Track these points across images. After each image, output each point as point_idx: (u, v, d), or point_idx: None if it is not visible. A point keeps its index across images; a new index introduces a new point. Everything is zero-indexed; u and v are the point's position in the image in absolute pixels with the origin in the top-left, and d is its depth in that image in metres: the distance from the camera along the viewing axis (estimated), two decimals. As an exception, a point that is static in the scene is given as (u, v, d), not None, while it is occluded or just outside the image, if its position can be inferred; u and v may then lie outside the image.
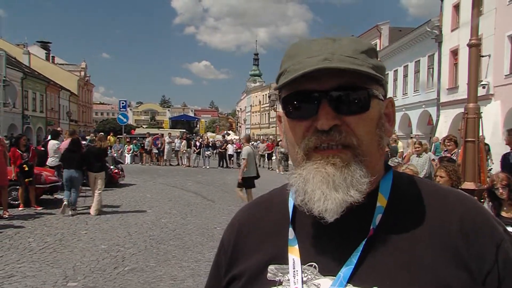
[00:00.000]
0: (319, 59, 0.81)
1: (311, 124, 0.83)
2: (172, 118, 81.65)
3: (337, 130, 0.81)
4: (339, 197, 0.80)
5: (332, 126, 0.81)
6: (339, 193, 0.80)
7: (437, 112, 22.77)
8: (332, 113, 0.81)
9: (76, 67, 60.98)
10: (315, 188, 0.81)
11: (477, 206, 0.88)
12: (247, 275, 0.89)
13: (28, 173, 10.18)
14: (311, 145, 0.83)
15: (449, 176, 4.58)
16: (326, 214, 0.81)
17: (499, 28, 17.26)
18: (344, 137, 0.81)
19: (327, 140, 0.81)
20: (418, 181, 0.94)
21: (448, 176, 4.56)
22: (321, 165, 0.82)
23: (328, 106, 0.81)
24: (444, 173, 4.57)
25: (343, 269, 0.80)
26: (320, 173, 0.81)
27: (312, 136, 0.82)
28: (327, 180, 0.80)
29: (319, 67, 0.78)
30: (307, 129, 0.83)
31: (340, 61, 0.80)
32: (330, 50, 0.82)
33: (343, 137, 0.81)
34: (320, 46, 0.83)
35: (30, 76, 39.06)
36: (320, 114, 0.81)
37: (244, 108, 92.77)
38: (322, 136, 0.81)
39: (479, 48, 6.29)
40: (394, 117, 0.93)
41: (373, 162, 0.85)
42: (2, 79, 13.54)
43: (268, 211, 0.98)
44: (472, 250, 0.80)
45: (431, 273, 0.78)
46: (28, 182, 10.19)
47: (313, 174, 0.82)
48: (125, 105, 25.86)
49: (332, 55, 0.81)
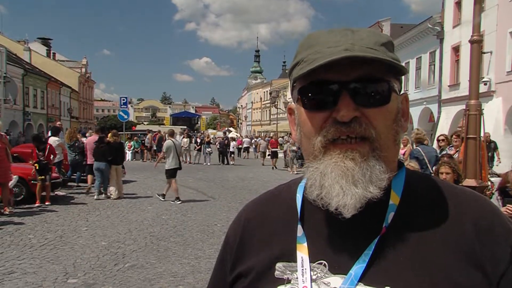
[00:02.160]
0: (340, 49, 0.78)
1: (330, 115, 0.80)
2: (173, 115, 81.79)
3: (357, 122, 0.79)
4: (359, 192, 0.78)
5: (352, 118, 0.79)
6: (358, 188, 0.78)
7: (439, 109, 22.75)
8: (352, 104, 0.78)
9: (77, 63, 60.99)
10: (333, 183, 0.79)
11: (492, 206, 0.87)
12: (254, 272, 0.87)
13: (42, 170, 10.43)
14: (329, 136, 0.80)
15: (453, 171, 4.63)
16: (344, 209, 0.79)
17: (501, 25, 17.20)
18: (364, 129, 0.79)
19: (347, 132, 0.79)
20: (432, 179, 0.91)
21: (453, 172, 4.60)
22: (340, 159, 0.79)
23: (349, 97, 0.78)
24: (449, 169, 4.59)
25: (354, 267, 0.78)
26: (339, 167, 0.79)
27: (331, 128, 0.80)
28: (346, 174, 0.78)
29: (345, 56, 0.76)
30: (325, 120, 0.81)
31: (362, 51, 0.78)
32: (350, 41, 0.80)
33: (363, 129, 0.79)
34: (339, 36, 0.81)
35: (31, 72, 39.06)
36: (340, 105, 0.78)
37: (245, 105, 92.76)
38: (342, 127, 0.79)
39: (481, 45, 6.26)
40: (408, 112, 0.91)
41: (390, 157, 0.83)
42: (2, 76, 13.55)
43: (276, 207, 0.95)
44: (487, 251, 0.78)
45: (444, 273, 0.76)
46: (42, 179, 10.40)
47: (331, 168, 0.80)
48: (126, 102, 25.81)
49: (353, 46, 0.79)
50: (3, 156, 9.08)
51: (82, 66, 60.37)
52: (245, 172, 21.08)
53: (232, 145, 27.42)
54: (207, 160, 25.38)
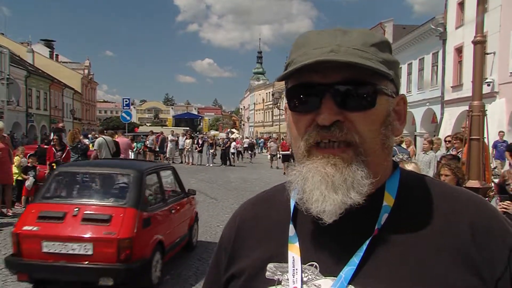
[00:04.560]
0: (325, 51, 0.77)
1: (313, 118, 0.79)
2: (175, 116, 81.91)
3: (338, 126, 0.77)
4: (338, 198, 0.77)
5: (333, 121, 0.77)
6: (338, 195, 0.77)
7: (441, 110, 22.67)
8: (334, 108, 0.77)
9: (80, 65, 61.16)
10: (313, 188, 0.78)
11: (490, 208, 0.85)
12: (246, 273, 0.87)
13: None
14: (311, 140, 0.79)
15: (454, 173, 4.50)
16: (324, 216, 0.78)
17: (505, 25, 17.15)
18: (345, 134, 0.77)
19: (328, 136, 0.78)
20: (428, 180, 0.89)
21: (453, 174, 4.48)
22: (321, 165, 0.78)
23: (331, 101, 0.77)
24: (449, 171, 4.49)
25: (344, 269, 0.77)
26: (319, 173, 0.78)
27: (313, 131, 0.79)
28: (326, 180, 0.77)
29: (320, 59, 0.75)
30: (309, 123, 0.80)
31: (347, 53, 0.76)
32: (338, 42, 0.78)
33: (344, 134, 0.77)
34: (328, 37, 0.80)
35: (34, 74, 39.19)
36: (322, 108, 0.77)
37: (248, 106, 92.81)
38: (323, 132, 0.78)
39: (484, 46, 6.24)
40: (405, 115, 0.88)
41: (377, 162, 0.81)
42: (6, 77, 13.59)
43: (270, 208, 0.95)
44: (484, 253, 0.76)
45: (437, 276, 0.74)
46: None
47: (313, 173, 0.79)
48: (128, 103, 25.85)
49: (339, 47, 0.77)
50: (5, 157, 9.09)
51: (84, 67, 60.52)
52: (248, 173, 21.08)
53: (233, 145, 27.38)
54: (210, 161, 25.37)
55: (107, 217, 4.77)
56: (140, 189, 5.18)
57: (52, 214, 4.89)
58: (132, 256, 4.64)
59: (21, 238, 4.76)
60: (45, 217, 4.88)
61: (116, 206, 4.99)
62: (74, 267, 4.62)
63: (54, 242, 4.65)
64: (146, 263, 4.89)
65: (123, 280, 4.66)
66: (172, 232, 5.85)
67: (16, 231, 4.82)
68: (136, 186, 5.17)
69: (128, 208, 4.92)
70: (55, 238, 4.67)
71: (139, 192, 5.15)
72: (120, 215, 4.81)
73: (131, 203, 4.97)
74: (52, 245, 4.65)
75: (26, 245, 4.75)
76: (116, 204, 5.06)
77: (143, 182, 5.29)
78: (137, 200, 5.05)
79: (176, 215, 6.12)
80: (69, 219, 4.79)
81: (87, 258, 4.59)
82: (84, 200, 5.21)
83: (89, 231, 4.70)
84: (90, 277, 4.67)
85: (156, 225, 5.32)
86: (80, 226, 4.74)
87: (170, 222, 5.85)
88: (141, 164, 6.58)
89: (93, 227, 4.73)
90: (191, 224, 6.81)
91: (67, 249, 4.63)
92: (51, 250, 4.65)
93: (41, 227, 4.78)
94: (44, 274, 4.82)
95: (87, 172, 5.88)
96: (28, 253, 4.73)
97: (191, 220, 6.85)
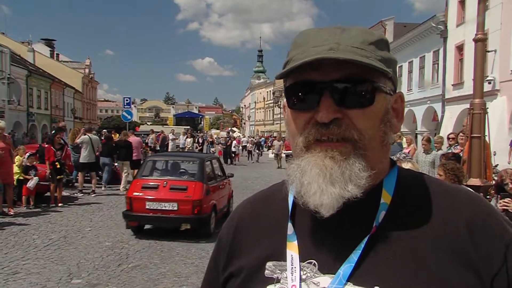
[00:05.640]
0: (324, 49, 0.78)
1: (312, 115, 0.80)
2: (176, 115, 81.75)
3: (337, 124, 0.78)
4: (335, 191, 0.77)
5: (332, 119, 0.78)
6: (335, 188, 0.77)
7: (442, 108, 22.64)
8: (333, 105, 0.78)
9: (81, 64, 61.13)
10: (311, 181, 0.78)
11: (487, 205, 0.85)
12: (245, 272, 0.87)
13: (60, 170, 10.55)
14: (310, 138, 0.80)
15: (446, 174, 4.27)
16: (321, 209, 0.78)
17: (506, 23, 17.10)
18: (344, 130, 0.78)
19: (327, 133, 0.79)
20: (426, 178, 0.90)
21: (446, 175, 4.25)
22: (319, 157, 0.79)
23: (329, 98, 0.77)
24: (442, 172, 4.34)
25: (343, 266, 0.77)
26: (317, 166, 0.78)
27: (312, 129, 0.80)
28: (324, 173, 0.78)
29: (319, 57, 0.75)
30: (308, 120, 0.81)
31: (346, 51, 0.77)
32: (336, 40, 0.79)
33: (342, 130, 0.78)
34: (327, 35, 0.80)
35: (35, 73, 39.16)
36: (321, 106, 0.78)
37: (248, 105, 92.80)
38: (322, 129, 0.78)
39: (485, 43, 6.23)
40: (402, 112, 0.89)
41: (375, 157, 0.82)
42: (6, 77, 13.59)
43: (268, 207, 0.95)
44: (480, 250, 0.77)
45: (435, 273, 0.75)
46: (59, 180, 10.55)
47: (311, 166, 0.79)
48: (129, 102, 25.82)
49: (338, 45, 0.78)
50: (6, 157, 9.11)
51: (85, 66, 60.48)
52: (249, 172, 21.07)
53: (233, 144, 27.37)
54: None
55: (185, 187, 7.65)
56: (203, 170, 8.01)
57: (150, 185, 7.72)
58: (200, 211, 7.40)
59: (132, 200, 7.53)
60: (146, 187, 7.68)
61: (190, 180, 7.95)
62: (166, 217, 7.46)
63: (153, 202, 7.47)
64: (207, 216, 7.62)
65: (195, 225, 7.55)
66: (220, 200, 8.61)
67: (129, 195, 7.67)
68: (200, 168, 8.04)
69: (197, 181, 7.76)
70: (153, 200, 7.48)
71: (203, 172, 7.99)
72: (193, 186, 7.63)
73: (199, 178, 7.86)
74: (152, 204, 7.46)
75: (135, 204, 7.49)
76: (190, 179, 8.08)
77: (204, 166, 8.14)
78: (202, 176, 7.90)
79: (222, 190, 8.95)
80: (161, 188, 7.61)
81: (174, 212, 7.41)
82: (169, 177, 8.14)
83: (174, 196, 7.47)
84: (176, 223, 7.73)
85: (212, 194, 8.05)
86: (169, 193, 7.52)
87: (219, 193, 8.64)
88: (201, 155, 10.65)
89: (176, 193, 7.52)
90: (229, 198, 9.66)
91: (161, 206, 7.43)
92: (151, 207, 7.45)
93: (144, 193, 7.57)
94: (147, 222, 7.89)
95: (168, 159, 9.22)
96: (136, 209, 7.50)
97: (229, 195, 9.73)
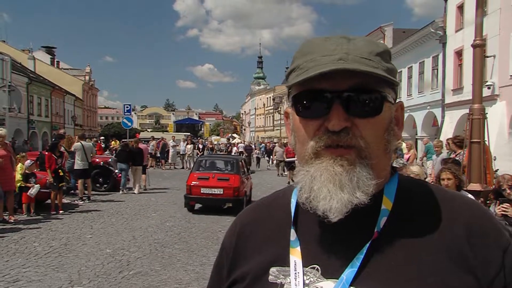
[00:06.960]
0: (334, 59, 0.80)
1: (322, 123, 0.82)
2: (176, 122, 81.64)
3: (345, 132, 0.81)
4: (345, 197, 0.79)
5: (343, 127, 0.80)
6: (345, 193, 0.80)
7: (442, 113, 22.68)
8: (344, 114, 0.80)
9: (81, 71, 61.27)
10: (321, 186, 0.81)
11: (484, 211, 0.88)
12: (249, 278, 0.88)
13: (62, 178, 10.60)
14: (322, 143, 0.82)
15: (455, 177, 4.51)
16: (330, 213, 0.80)
17: (504, 28, 17.18)
18: (351, 138, 0.80)
19: (337, 140, 0.81)
20: (425, 185, 0.93)
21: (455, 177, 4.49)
22: (330, 164, 0.81)
23: (340, 107, 0.80)
24: (451, 175, 4.50)
25: (346, 271, 0.79)
26: (328, 172, 0.81)
27: (323, 136, 0.82)
28: (334, 179, 0.80)
29: (337, 68, 0.77)
30: (318, 127, 0.83)
31: (355, 62, 0.79)
32: (345, 50, 0.81)
33: (349, 138, 0.80)
34: (335, 45, 0.82)
35: (35, 81, 39.26)
36: (332, 114, 0.80)
37: (249, 111, 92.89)
38: (333, 136, 0.81)
39: (483, 49, 6.26)
40: (402, 120, 0.93)
41: (380, 165, 0.85)
42: (7, 85, 13.64)
43: (271, 213, 0.97)
44: (478, 255, 0.79)
45: (435, 277, 0.77)
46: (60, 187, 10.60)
47: (321, 172, 0.81)
48: (129, 109, 25.84)
49: (347, 55, 0.80)
50: (7, 164, 9.12)
51: (85, 74, 60.62)
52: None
53: (234, 150, 27.38)
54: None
55: (228, 178, 11.24)
56: (238, 166, 11.76)
57: (203, 177, 11.26)
58: (238, 195, 10.96)
59: (191, 187, 11.02)
60: (200, 178, 11.21)
61: (230, 173, 11.50)
62: (215, 198, 11.04)
63: (206, 188, 10.98)
64: (243, 199, 11.11)
65: (235, 205, 10.72)
66: (248, 188, 12.24)
67: (189, 184, 11.08)
68: (237, 165, 11.80)
69: (235, 174, 11.39)
70: (206, 186, 10.98)
71: (238, 167, 11.72)
72: (233, 177, 11.21)
73: (236, 172, 11.49)
74: (205, 189, 10.97)
75: (194, 190, 10.99)
76: (230, 172, 11.63)
77: (239, 163, 11.98)
78: (238, 171, 11.56)
79: (248, 182, 12.49)
80: (211, 179, 11.18)
81: (220, 195, 10.94)
82: (215, 171, 11.82)
83: (220, 184, 11.00)
84: (222, 203, 11.05)
85: (244, 183, 11.53)
86: (217, 182, 11.06)
87: (247, 184, 12.16)
88: (236, 157, 16.34)
89: (222, 182, 11.05)
90: (251, 188, 13.18)
91: (212, 191, 10.97)
92: (205, 191, 10.97)
93: (199, 182, 11.06)
94: (202, 202, 11.36)
95: (214, 159, 13.91)
96: (194, 193, 11.02)
97: (251, 187, 13.20)
